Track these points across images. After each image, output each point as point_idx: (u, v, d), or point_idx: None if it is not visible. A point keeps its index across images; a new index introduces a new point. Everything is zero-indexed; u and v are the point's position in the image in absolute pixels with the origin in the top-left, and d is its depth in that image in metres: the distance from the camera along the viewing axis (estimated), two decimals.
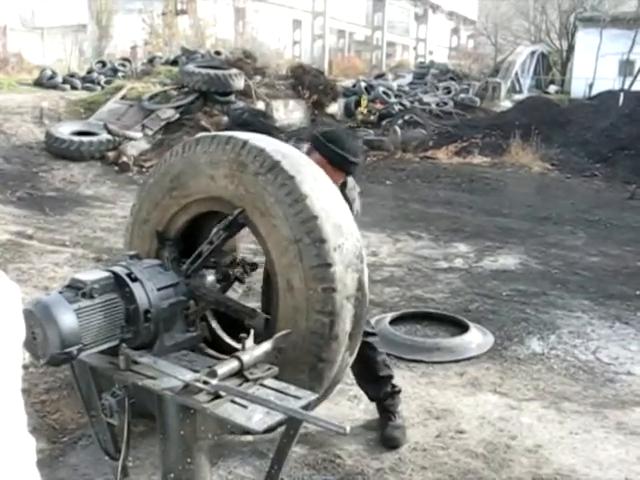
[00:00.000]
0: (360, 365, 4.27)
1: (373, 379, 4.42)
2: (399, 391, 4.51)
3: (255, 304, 3.72)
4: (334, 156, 3.70)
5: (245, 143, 2.97)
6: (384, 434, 4.33)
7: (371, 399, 4.55)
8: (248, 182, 2.91)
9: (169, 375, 2.56)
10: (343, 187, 3.84)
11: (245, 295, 6.47)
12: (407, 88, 26.35)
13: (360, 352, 3.79)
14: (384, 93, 22.24)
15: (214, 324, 3.56)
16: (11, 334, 1.46)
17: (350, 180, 4.09)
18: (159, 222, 3.26)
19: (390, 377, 4.46)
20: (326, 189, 2.98)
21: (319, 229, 2.78)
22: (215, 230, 3.06)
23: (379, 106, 21.13)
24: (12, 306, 1.47)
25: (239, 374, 2.58)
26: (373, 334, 4.39)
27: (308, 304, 2.77)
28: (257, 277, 3.79)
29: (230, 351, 3.03)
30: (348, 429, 2.27)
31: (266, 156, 2.91)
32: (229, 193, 2.99)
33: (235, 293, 3.56)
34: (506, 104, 25.80)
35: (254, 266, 3.46)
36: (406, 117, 19.12)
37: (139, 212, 3.37)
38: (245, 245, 4.68)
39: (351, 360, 3.05)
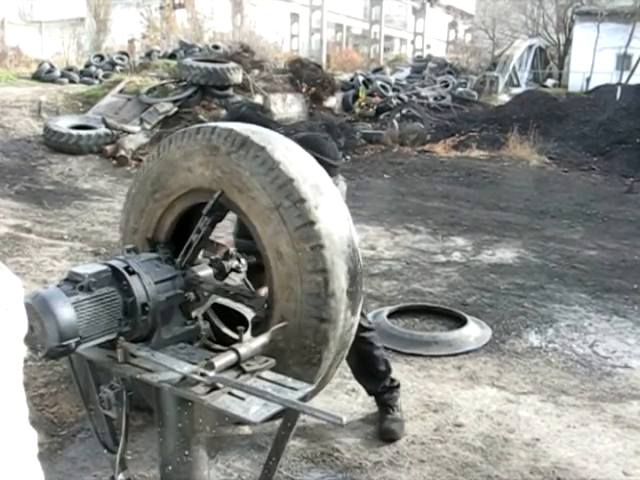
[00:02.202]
0: (358, 360, 4.27)
1: (371, 374, 4.43)
2: (398, 385, 4.52)
3: None
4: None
5: (214, 128, 3.00)
6: (382, 427, 4.33)
7: (369, 393, 4.56)
8: (222, 163, 2.93)
9: (167, 367, 2.56)
10: None
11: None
12: (405, 82, 26.37)
13: (357, 347, 3.79)
14: (382, 87, 22.22)
15: (216, 321, 3.57)
16: (13, 327, 1.46)
17: (340, 184, 4.07)
18: (147, 229, 3.25)
19: (388, 371, 4.46)
20: (299, 155, 3.00)
21: (297, 190, 2.78)
22: (201, 219, 3.07)
23: (377, 100, 21.11)
24: (14, 299, 1.47)
25: (236, 366, 2.58)
26: (370, 329, 4.39)
27: (299, 266, 2.75)
28: None
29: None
30: (345, 420, 2.27)
31: (235, 134, 2.93)
32: (207, 180, 3.01)
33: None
34: (504, 98, 25.82)
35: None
36: (404, 111, 19.11)
37: (127, 223, 3.36)
38: None
39: (355, 321, 2.99)
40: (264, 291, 3.38)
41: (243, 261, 3.18)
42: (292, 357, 2.82)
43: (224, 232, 4.91)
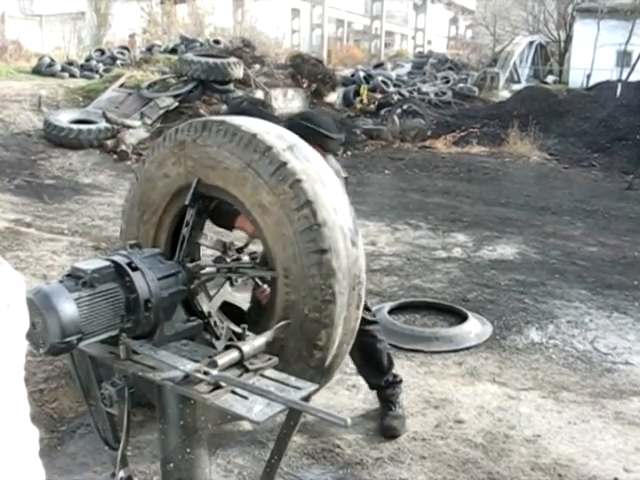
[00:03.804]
0: (361, 353, 4.27)
1: (375, 367, 4.43)
2: (400, 381, 4.52)
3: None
4: (307, 132, 3.64)
5: (176, 129, 3.11)
6: (383, 424, 4.33)
7: (372, 387, 4.55)
8: (191, 152, 3.01)
9: (169, 365, 2.55)
10: None
11: (244, 284, 6.49)
12: (406, 78, 26.31)
13: (361, 340, 3.78)
14: (383, 82, 22.18)
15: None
16: (15, 323, 1.46)
17: (332, 164, 4.01)
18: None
19: (391, 365, 4.46)
20: (258, 120, 3.07)
21: (262, 141, 2.84)
22: (187, 212, 3.12)
23: (378, 95, 21.09)
24: (16, 295, 1.47)
25: (239, 364, 2.57)
26: (374, 322, 4.40)
27: (285, 209, 2.76)
28: None
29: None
30: (349, 421, 2.27)
31: (195, 123, 3.04)
32: (183, 176, 3.07)
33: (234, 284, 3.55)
34: (504, 94, 25.79)
35: (253, 254, 3.45)
36: (405, 107, 19.10)
37: None
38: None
39: (360, 253, 2.93)
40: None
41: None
42: (306, 303, 2.79)
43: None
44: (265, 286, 3.65)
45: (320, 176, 2.87)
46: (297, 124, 3.81)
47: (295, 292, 2.80)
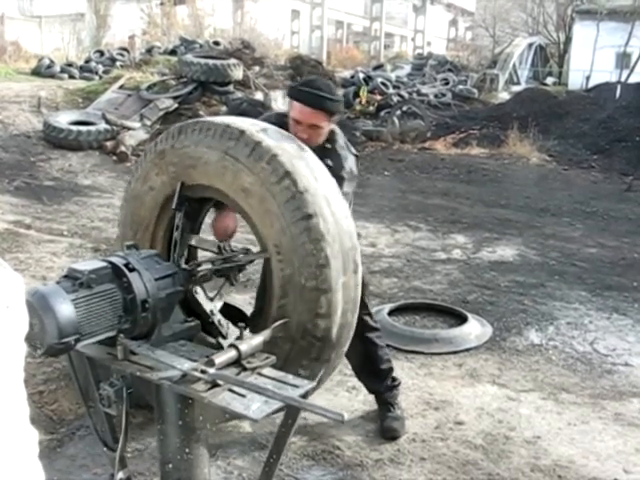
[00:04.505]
0: (361, 359, 4.28)
1: (374, 373, 4.41)
2: (399, 383, 4.51)
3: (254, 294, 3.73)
4: (308, 96, 3.61)
5: (155, 141, 3.26)
6: (383, 425, 4.32)
7: (370, 392, 4.54)
8: (171, 158, 3.13)
9: (167, 364, 2.55)
10: (332, 143, 3.74)
11: (244, 286, 6.49)
12: (405, 79, 26.32)
13: (362, 347, 3.79)
14: (382, 84, 22.17)
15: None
16: (15, 325, 1.45)
17: (341, 137, 3.96)
18: None
19: (390, 370, 4.45)
20: (222, 117, 3.19)
21: (236, 128, 2.95)
22: (175, 216, 3.20)
23: (377, 97, 21.08)
24: (15, 297, 1.46)
25: (237, 363, 2.58)
26: (376, 329, 4.38)
27: (265, 184, 2.84)
28: (256, 268, 3.79)
29: None
30: (346, 417, 2.26)
31: (172, 130, 3.18)
32: (167, 185, 3.18)
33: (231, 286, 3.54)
34: (504, 96, 25.81)
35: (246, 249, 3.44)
36: (404, 108, 19.10)
37: None
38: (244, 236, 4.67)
39: (346, 216, 2.99)
40: None
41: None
42: (302, 273, 2.82)
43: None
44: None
45: (296, 151, 2.96)
46: (296, 90, 3.74)
47: (289, 265, 2.83)
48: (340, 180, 3.32)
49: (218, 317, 3.16)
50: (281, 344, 2.85)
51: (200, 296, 3.20)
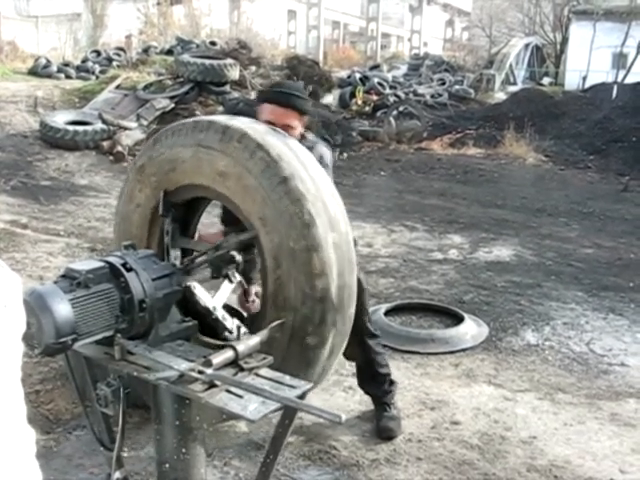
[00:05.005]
0: (360, 365, 4.30)
1: (372, 378, 4.41)
2: (394, 383, 4.51)
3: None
4: (278, 95, 3.69)
5: (134, 160, 3.39)
6: (379, 425, 4.33)
7: (367, 393, 4.55)
8: (150, 169, 3.20)
9: (164, 365, 2.55)
10: (304, 139, 3.79)
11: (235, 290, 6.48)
12: (402, 79, 26.36)
13: (361, 353, 3.80)
14: (379, 84, 22.20)
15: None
16: (12, 324, 1.45)
17: (310, 137, 4.00)
18: None
19: (388, 375, 4.45)
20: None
21: (203, 121, 3.06)
22: (164, 223, 3.27)
23: (374, 97, 21.10)
24: (13, 296, 1.46)
25: (234, 363, 2.57)
26: (376, 335, 4.38)
27: (240, 162, 2.90)
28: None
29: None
30: (344, 418, 2.26)
31: (147, 143, 3.30)
32: (151, 198, 3.25)
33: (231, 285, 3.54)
34: (500, 96, 25.85)
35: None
36: (401, 108, 19.12)
37: None
38: None
39: (327, 185, 3.03)
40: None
41: (238, 257, 3.18)
42: (289, 236, 2.83)
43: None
44: (253, 294, 3.68)
45: (266, 129, 3.05)
46: (264, 92, 3.92)
47: (276, 232, 2.85)
48: None
49: (222, 312, 3.15)
50: (285, 316, 2.86)
51: (199, 291, 3.19)
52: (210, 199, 3.30)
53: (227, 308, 3.45)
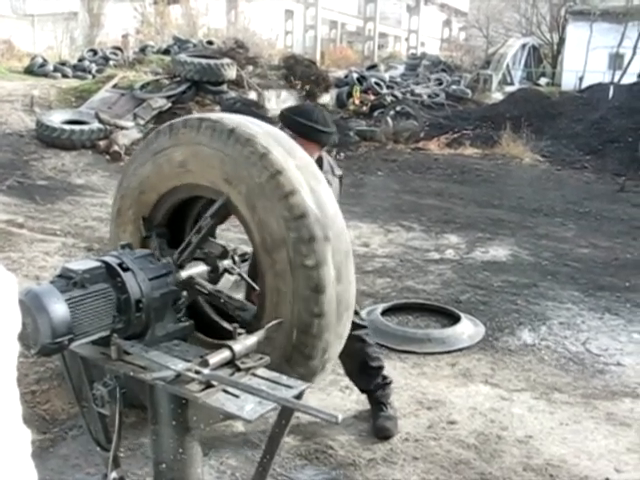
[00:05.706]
0: (349, 358, 4.26)
1: (363, 371, 4.41)
2: (390, 382, 4.52)
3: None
4: (302, 128, 3.68)
5: (114, 197, 3.32)
6: (376, 425, 4.33)
7: (362, 391, 4.55)
8: (126, 205, 3.19)
9: (161, 365, 2.55)
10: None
11: (236, 286, 6.48)
12: (399, 79, 26.33)
13: (350, 345, 3.77)
14: (376, 84, 22.19)
15: (207, 309, 3.52)
16: (7, 324, 1.45)
17: (326, 161, 4.02)
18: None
19: (380, 368, 4.45)
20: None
21: (157, 132, 3.04)
22: (157, 240, 3.20)
23: (371, 97, 21.09)
24: (8, 296, 1.46)
25: (231, 364, 2.57)
26: (363, 326, 4.38)
27: (222, 153, 2.85)
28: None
29: (227, 336, 2.99)
30: (340, 418, 2.26)
31: (122, 173, 3.27)
32: (135, 233, 3.19)
33: (227, 282, 3.52)
34: (497, 96, 25.85)
35: (244, 256, 3.43)
36: (398, 108, 19.11)
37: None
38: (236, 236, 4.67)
39: (317, 170, 2.97)
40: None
41: (237, 260, 3.17)
42: (252, 175, 2.79)
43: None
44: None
45: (253, 122, 2.97)
46: (290, 119, 3.82)
47: (241, 181, 2.82)
48: None
49: (227, 294, 3.12)
50: (278, 252, 2.80)
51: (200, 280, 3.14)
52: (186, 198, 3.22)
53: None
